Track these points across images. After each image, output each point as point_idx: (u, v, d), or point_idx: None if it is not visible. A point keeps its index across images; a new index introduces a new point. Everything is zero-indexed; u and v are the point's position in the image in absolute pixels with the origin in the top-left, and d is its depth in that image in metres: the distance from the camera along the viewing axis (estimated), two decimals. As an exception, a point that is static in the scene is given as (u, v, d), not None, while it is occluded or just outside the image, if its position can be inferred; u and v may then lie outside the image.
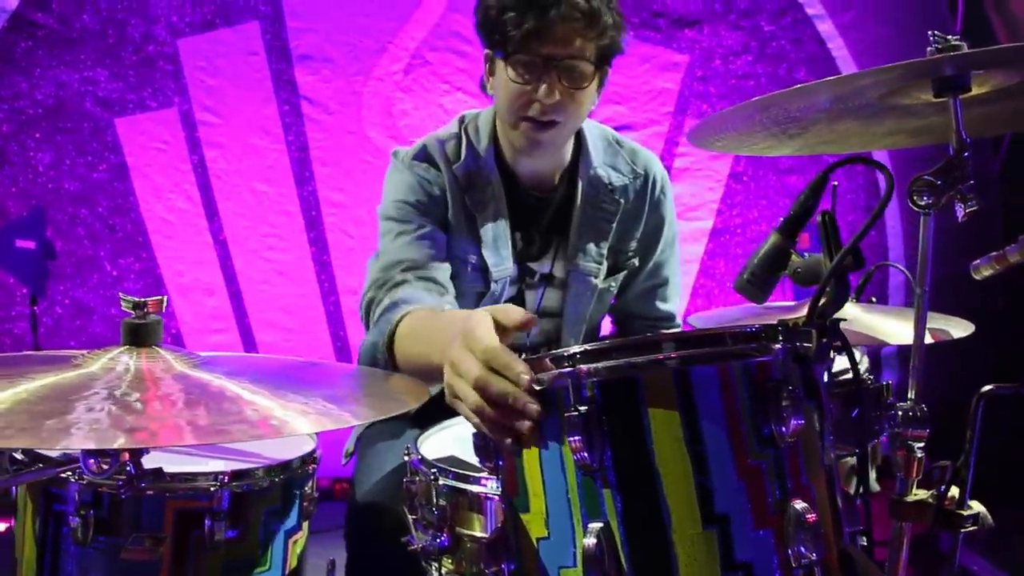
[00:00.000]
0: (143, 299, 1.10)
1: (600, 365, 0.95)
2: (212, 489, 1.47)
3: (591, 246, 1.91)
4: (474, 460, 1.53)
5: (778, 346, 0.96)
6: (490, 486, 1.43)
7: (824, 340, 0.98)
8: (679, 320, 2.11)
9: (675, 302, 2.09)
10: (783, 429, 0.95)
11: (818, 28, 3.94)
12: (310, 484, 1.66)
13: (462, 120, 1.93)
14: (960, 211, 1.16)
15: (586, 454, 0.94)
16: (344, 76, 3.96)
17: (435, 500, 1.46)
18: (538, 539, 1.01)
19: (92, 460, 1.11)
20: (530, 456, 1.01)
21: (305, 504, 1.66)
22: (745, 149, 1.30)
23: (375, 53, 3.95)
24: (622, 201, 1.92)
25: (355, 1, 3.94)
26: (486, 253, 1.85)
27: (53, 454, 1.47)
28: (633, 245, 1.97)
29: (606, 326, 2.19)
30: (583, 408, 0.95)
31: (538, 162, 1.86)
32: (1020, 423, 2.62)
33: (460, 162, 1.85)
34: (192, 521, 1.47)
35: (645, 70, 4.00)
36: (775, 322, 0.97)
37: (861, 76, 1.07)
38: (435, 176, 1.84)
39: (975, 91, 1.19)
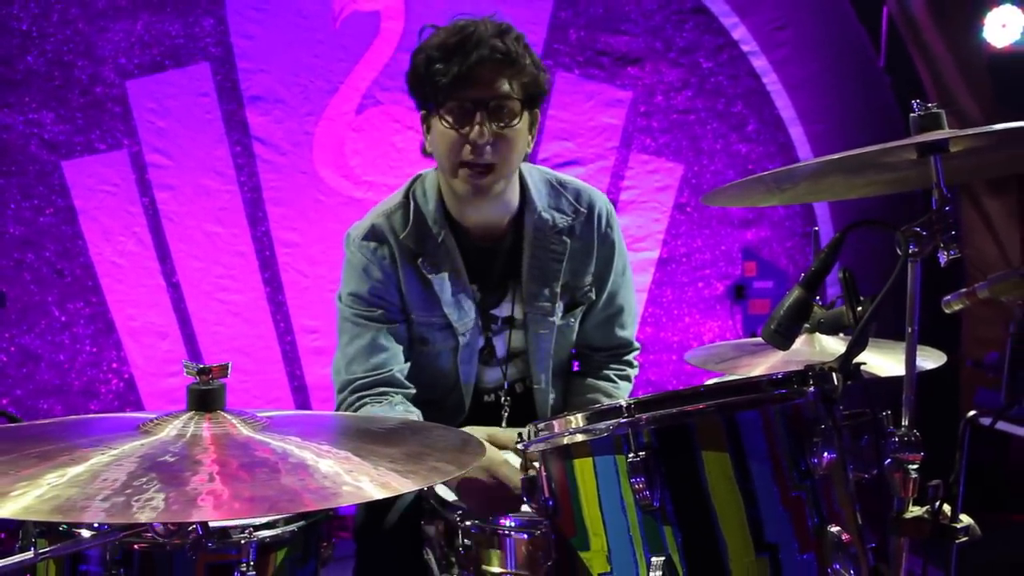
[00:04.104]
0: (207, 365, 1.14)
1: (656, 414, 1.05)
2: (242, 542, 1.51)
3: (543, 288, 1.99)
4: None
5: (810, 389, 1.08)
6: (509, 524, 1.52)
7: (848, 382, 1.10)
8: (637, 344, 2.21)
9: (632, 329, 2.19)
10: (816, 462, 1.07)
11: (753, 64, 4.16)
12: (326, 530, 1.71)
13: (409, 186, 2.01)
14: (943, 258, 1.30)
15: (647, 494, 1.04)
16: (296, 116, 3.99)
17: (460, 540, 1.54)
18: (600, 574, 1.10)
19: (159, 523, 1.15)
20: (588, 498, 1.10)
21: (322, 550, 1.71)
22: (743, 202, 1.42)
23: (327, 93, 3.99)
24: (568, 241, 1.98)
25: (305, 42, 3.98)
26: (448, 311, 1.94)
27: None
28: (588, 280, 2.05)
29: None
30: (642, 453, 1.04)
31: (484, 211, 1.92)
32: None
33: (408, 229, 1.92)
34: (222, 574, 1.51)
35: (590, 106, 4.15)
36: (804, 368, 1.09)
37: (870, 153, 1.20)
38: (385, 253, 1.93)
39: (951, 150, 1.33)
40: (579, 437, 1.14)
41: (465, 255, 1.95)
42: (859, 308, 1.15)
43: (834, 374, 1.10)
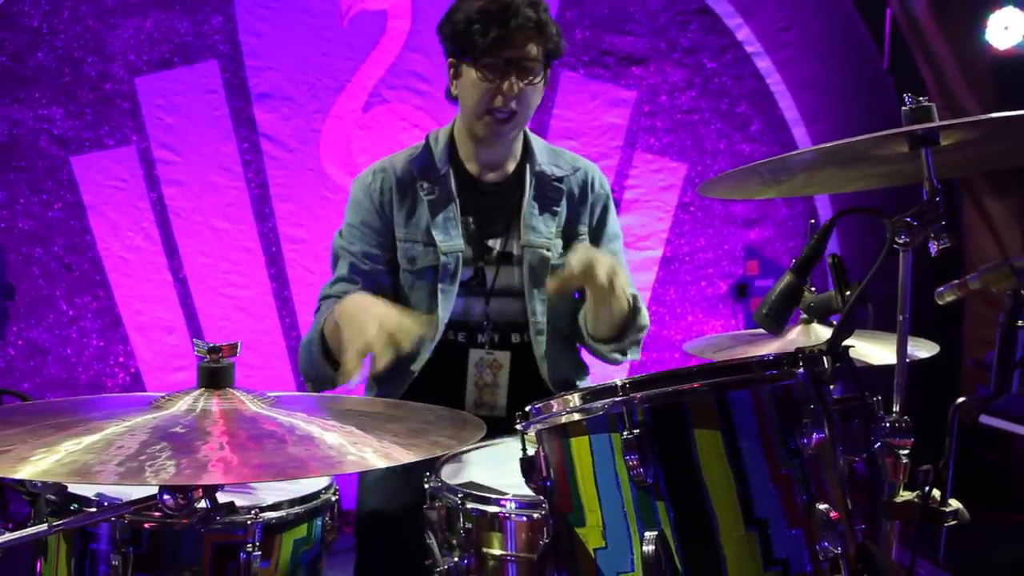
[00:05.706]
0: (217, 344, 1.18)
1: (650, 393, 1.09)
2: (248, 523, 1.54)
3: (541, 223, 2.17)
4: (490, 482, 1.65)
5: (800, 371, 1.12)
6: (509, 507, 1.55)
7: (837, 365, 1.13)
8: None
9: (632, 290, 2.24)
10: (806, 442, 1.11)
11: (757, 65, 4.19)
12: (330, 514, 1.75)
13: (427, 135, 2.25)
14: (933, 248, 1.34)
15: (641, 471, 1.07)
16: (303, 114, 4.03)
17: (461, 523, 1.57)
18: (595, 549, 1.13)
19: (168, 496, 1.19)
20: (584, 475, 1.13)
21: (326, 533, 1.74)
22: (740, 194, 1.46)
23: (334, 91, 4.03)
24: (565, 188, 2.21)
25: (313, 40, 4.02)
26: (435, 231, 2.13)
27: (89, 493, 1.54)
28: (583, 230, 2.22)
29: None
30: (636, 431, 1.08)
31: (495, 152, 2.17)
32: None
33: (416, 157, 2.19)
34: (228, 554, 1.54)
35: (595, 106, 4.19)
36: (795, 350, 1.12)
37: (863, 144, 1.23)
38: (378, 184, 2.17)
39: (942, 143, 1.37)
40: (575, 416, 1.17)
41: (463, 191, 2.16)
42: (847, 292, 1.19)
43: (824, 357, 1.14)
